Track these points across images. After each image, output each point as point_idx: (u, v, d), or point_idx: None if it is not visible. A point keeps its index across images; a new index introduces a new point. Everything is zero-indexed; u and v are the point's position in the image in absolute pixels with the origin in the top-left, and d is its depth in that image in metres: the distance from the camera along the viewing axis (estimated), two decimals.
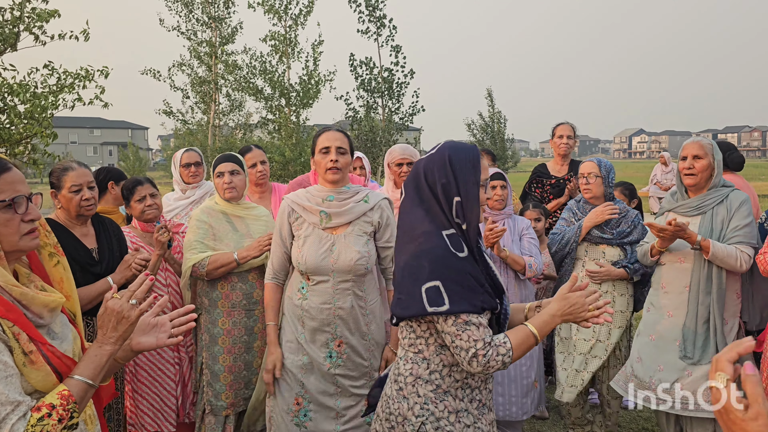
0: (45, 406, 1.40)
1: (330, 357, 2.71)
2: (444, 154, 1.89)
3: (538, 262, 3.42)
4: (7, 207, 1.47)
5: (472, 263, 1.85)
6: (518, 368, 3.43)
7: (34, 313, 1.49)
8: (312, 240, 2.66)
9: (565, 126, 4.47)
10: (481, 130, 25.99)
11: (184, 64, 16.07)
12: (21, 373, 1.41)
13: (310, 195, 2.73)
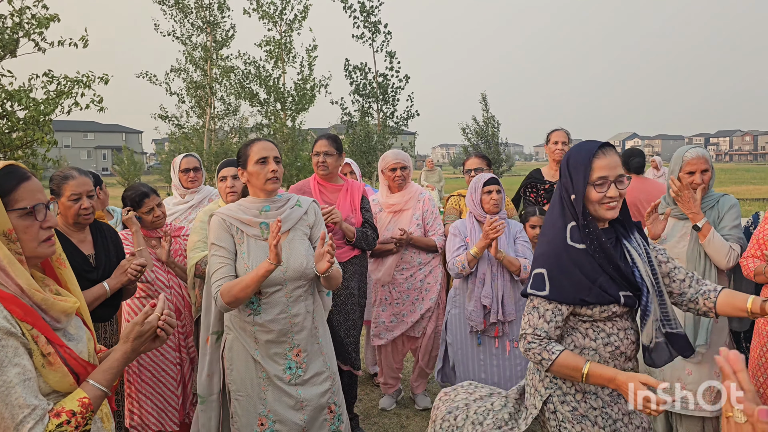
0: (65, 413, 1.48)
1: (289, 369, 2.67)
2: (568, 154, 2.09)
3: None
4: (27, 214, 1.56)
5: (587, 256, 2.00)
6: (514, 368, 3.56)
7: (52, 317, 1.58)
8: (256, 253, 2.60)
9: (560, 132, 4.58)
10: (476, 134, 26.09)
11: (181, 68, 16.14)
12: (39, 374, 1.49)
13: (244, 208, 2.67)
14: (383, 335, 4.23)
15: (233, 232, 2.64)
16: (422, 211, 4.24)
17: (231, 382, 2.71)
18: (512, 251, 3.57)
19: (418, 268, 4.19)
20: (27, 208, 1.56)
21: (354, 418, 3.92)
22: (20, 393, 1.41)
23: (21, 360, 1.45)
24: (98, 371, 1.60)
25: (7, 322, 1.44)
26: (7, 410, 1.40)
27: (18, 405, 1.41)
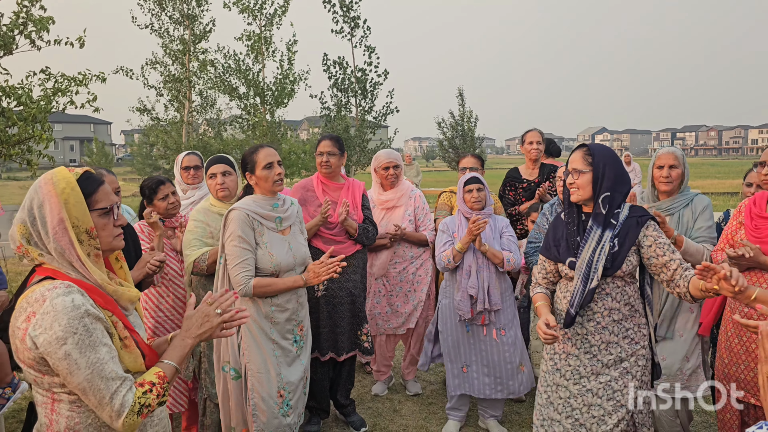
0: (147, 383, 1.70)
1: (295, 342, 3.16)
2: None
3: (516, 257, 3.80)
4: (105, 213, 1.78)
5: (562, 224, 2.79)
6: (502, 353, 3.82)
7: (122, 306, 1.80)
8: (276, 243, 3.06)
9: (534, 132, 4.88)
10: (451, 129, 26.45)
11: (157, 62, 16.05)
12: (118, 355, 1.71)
13: (260, 205, 3.07)
14: (380, 326, 4.47)
15: (254, 225, 3.02)
16: (414, 208, 4.49)
17: (249, 362, 3.04)
18: (497, 245, 3.82)
19: (410, 261, 4.44)
20: (106, 208, 1.78)
21: (351, 404, 4.16)
22: (112, 367, 1.64)
23: (108, 340, 1.67)
24: (169, 351, 1.82)
25: (94, 308, 1.65)
26: (103, 382, 1.61)
27: (111, 378, 1.63)
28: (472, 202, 3.85)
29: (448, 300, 3.93)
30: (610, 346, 2.67)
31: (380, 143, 17.90)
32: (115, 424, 1.65)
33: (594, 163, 2.62)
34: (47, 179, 1.72)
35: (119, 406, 1.63)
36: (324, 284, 3.84)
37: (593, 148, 2.67)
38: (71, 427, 1.68)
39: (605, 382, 2.67)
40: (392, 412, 4.34)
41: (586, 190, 2.63)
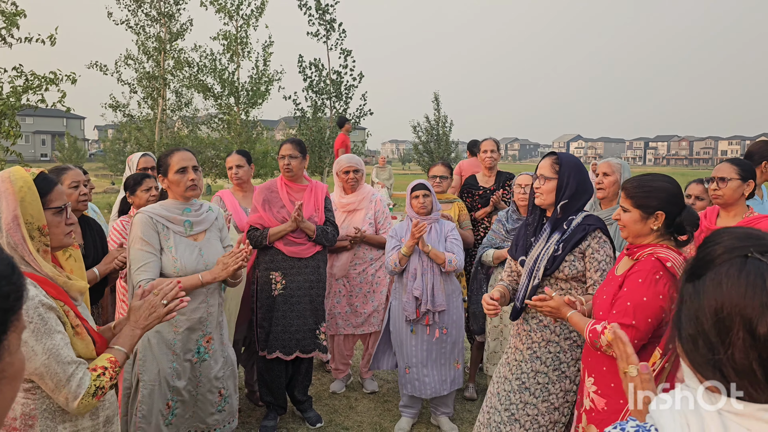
0: (99, 368, 1.84)
1: (198, 353, 3.00)
2: None
3: (459, 259, 3.97)
4: (59, 212, 1.90)
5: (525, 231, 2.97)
6: (440, 352, 3.99)
7: (71, 297, 1.92)
8: (183, 247, 2.92)
9: (489, 141, 5.06)
10: (426, 133, 26.71)
11: (131, 57, 15.95)
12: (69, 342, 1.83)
13: (168, 208, 2.96)
14: (340, 325, 4.60)
15: (159, 229, 2.90)
16: (374, 211, 4.64)
17: (143, 372, 2.92)
18: (442, 247, 3.99)
19: (370, 263, 4.59)
20: (60, 207, 1.90)
21: (308, 400, 4.29)
22: (67, 353, 1.77)
23: (61, 328, 1.79)
24: (119, 339, 1.96)
25: (46, 298, 1.77)
26: (60, 367, 1.74)
27: (67, 362, 1.76)
28: (418, 208, 4.01)
29: (398, 302, 4.08)
30: (550, 344, 2.81)
31: (354, 146, 18.03)
32: (71, 406, 1.77)
33: (560, 172, 2.79)
34: (5, 178, 1.82)
35: (76, 387, 1.76)
36: (282, 283, 3.96)
37: (561, 158, 2.83)
38: (27, 413, 1.80)
39: (543, 383, 2.81)
40: (348, 409, 4.48)
41: (549, 195, 2.81)
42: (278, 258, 3.97)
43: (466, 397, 4.67)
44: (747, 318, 0.85)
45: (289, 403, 4.29)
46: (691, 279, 0.95)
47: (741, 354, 0.85)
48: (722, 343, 0.87)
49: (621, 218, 2.36)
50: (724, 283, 0.88)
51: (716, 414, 0.88)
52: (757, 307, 0.84)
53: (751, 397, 0.86)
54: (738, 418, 0.86)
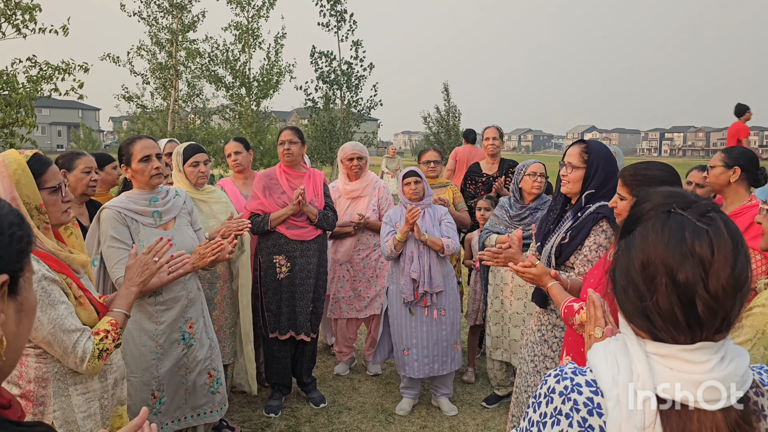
0: (102, 331, 1.98)
1: (183, 339, 3.00)
2: None
3: (455, 243, 4.06)
4: (54, 191, 2.00)
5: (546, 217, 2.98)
6: (441, 333, 4.09)
7: (74, 269, 2.04)
8: (153, 239, 2.78)
9: (491, 129, 5.14)
10: (437, 123, 26.70)
11: (144, 48, 16.14)
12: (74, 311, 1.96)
13: (133, 200, 2.88)
14: (343, 309, 4.72)
15: (128, 223, 2.84)
16: (378, 198, 4.73)
17: (126, 363, 2.85)
18: (437, 232, 4.08)
19: (373, 249, 4.69)
20: (54, 187, 2.00)
21: (312, 381, 4.42)
22: (71, 321, 1.90)
23: (65, 299, 1.92)
24: (116, 301, 2.11)
25: (49, 272, 1.89)
26: (65, 335, 1.87)
27: (71, 330, 1.90)
28: (411, 194, 4.10)
29: (395, 286, 4.18)
30: (555, 329, 2.82)
31: (365, 136, 18.14)
32: (80, 368, 1.93)
33: (588, 161, 2.73)
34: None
35: (81, 352, 1.90)
36: (287, 266, 4.08)
37: (591, 147, 2.76)
38: (39, 375, 1.94)
39: (550, 368, 2.84)
40: (351, 391, 4.60)
41: (576, 184, 2.75)
42: (281, 242, 4.08)
43: (465, 380, 4.77)
44: (669, 267, 0.93)
45: (294, 384, 4.42)
46: (623, 235, 1.04)
47: (664, 299, 0.94)
48: (648, 291, 0.95)
49: (617, 206, 2.36)
50: (650, 237, 0.97)
51: (643, 355, 0.96)
52: (677, 257, 0.93)
53: (674, 340, 0.95)
54: (662, 359, 0.95)
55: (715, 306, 0.92)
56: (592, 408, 0.97)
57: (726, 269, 0.92)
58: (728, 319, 0.94)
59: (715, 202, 1.02)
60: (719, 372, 0.92)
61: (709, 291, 0.91)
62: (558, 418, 0.99)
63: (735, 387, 0.92)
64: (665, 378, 0.94)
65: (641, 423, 0.92)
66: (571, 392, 1.00)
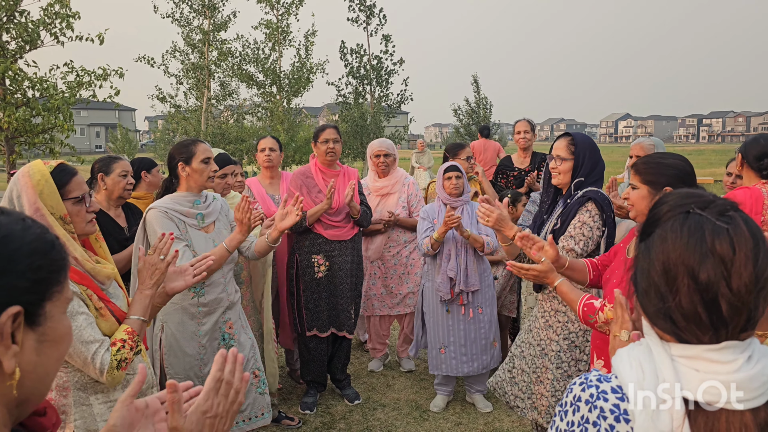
0: (118, 341, 1.99)
1: (223, 340, 3.04)
2: None
3: (494, 240, 4.03)
4: (78, 201, 2.03)
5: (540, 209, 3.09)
6: (478, 330, 4.08)
7: (99, 280, 2.07)
8: (199, 241, 2.91)
9: (523, 122, 5.08)
10: (467, 116, 26.53)
11: (178, 50, 16.42)
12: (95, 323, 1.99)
13: (178, 202, 2.91)
14: (376, 307, 4.74)
15: (176, 222, 2.87)
16: (407, 195, 4.73)
17: (168, 366, 2.96)
18: (475, 230, 4.06)
19: (404, 245, 4.70)
20: (78, 197, 2.03)
21: (347, 378, 4.46)
22: (90, 332, 1.92)
23: (84, 309, 1.94)
24: (131, 308, 2.10)
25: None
26: (83, 346, 1.90)
27: (90, 341, 1.92)
28: (451, 189, 4.08)
29: (430, 283, 4.17)
30: (558, 314, 2.95)
31: (395, 130, 18.13)
32: (101, 380, 1.95)
33: (576, 152, 2.88)
34: (24, 172, 1.96)
35: (100, 364, 1.92)
36: (326, 265, 4.12)
37: (576, 138, 2.92)
38: (60, 384, 1.98)
39: (555, 351, 2.95)
40: (385, 387, 4.62)
41: (566, 175, 2.92)
42: (319, 241, 4.11)
43: None
44: (690, 267, 0.92)
45: (328, 381, 4.46)
46: (642, 238, 1.03)
47: (686, 299, 0.93)
48: (670, 292, 0.95)
49: (630, 196, 2.33)
50: (669, 238, 0.96)
51: (668, 359, 0.95)
52: (697, 257, 0.92)
53: (699, 340, 0.94)
54: (687, 360, 0.94)
55: (739, 304, 0.91)
56: (618, 414, 0.97)
57: (748, 267, 0.91)
58: (752, 317, 0.93)
59: (733, 201, 1.00)
60: (747, 371, 0.90)
61: (732, 289, 0.91)
62: (585, 426, 0.99)
63: (764, 386, 0.91)
64: (691, 380, 0.93)
65: (669, 426, 0.91)
66: (597, 400, 0.99)
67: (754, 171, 3.09)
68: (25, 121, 6.32)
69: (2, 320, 0.73)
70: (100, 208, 3.38)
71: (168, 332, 2.95)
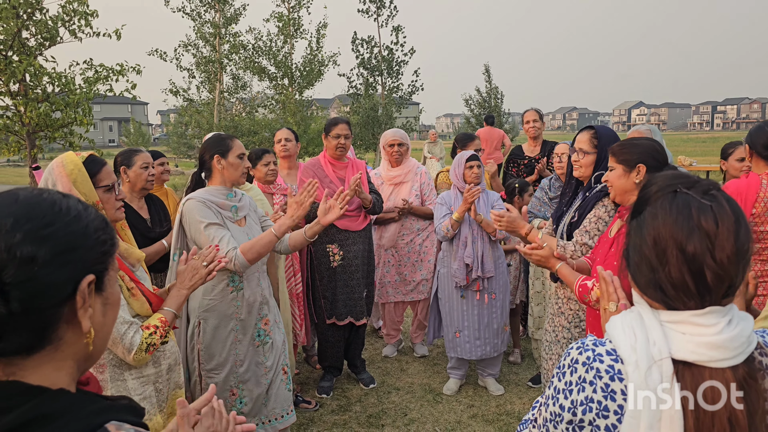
0: (152, 327, 2.12)
1: (258, 336, 3.02)
2: None
3: None
4: (108, 189, 2.17)
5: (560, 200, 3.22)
6: (492, 316, 4.18)
7: (130, 263, 2.20)
8: (235, 232, 2.87)
9: (531, 112, 5.16)
10: (479, 105, 26.48)
11: (190, 44, 16.53)
12: (126, 302, 2.12)
13: (213, 194, 2.89)
14: (390, 293, 4.86)
15: (214, 212, 2.85)
16: (420, 183, 4.83)
17: (205, 362, 2.94)
18: (489, 216, 4.15)
19: (417, 233, 4.80)
20: (109, 185, 2.17)
21: (362, 363, 4.58)
22: (121, 314, 2.04)
23: None
24: (168, 301, 2.24)
25: None
26: (114, 327, 2.00)
27: (121, 322, 2.04)
28: (473, 178, 4.16)
29: (446, 269, 4.28)
30: (570, 302, 3.05)
31: (407, 121, 18.19)
32: (127, 358, 2.08)
33: (599, 146, 2.91)
34: (58, 162, 2.10)
35: (129, 344, 2.04)
36: (340, 254, 4.23)
37: (600, 132, 2.96)
38: (98, 362, 2.09)
39: (567, 338, 3.04)
40: (399, 372, 4.74)
41: (588, 168, 2.96)
42: (332, 231, 4.22)
43: (511, 361, 4.85)
44: (678, 240, 1.02)
45: (344, 366, 4.58)
46: (634, 216, 1.13)
47: (676, 270, 1.03)
48: (660, 264, 1.04)
49: (609, 178, 2.49)
50: (660, 215, 1.06)
51: (658, 324, 1.06)
52: (685, 231, 1.02)
53: (685, 306, 1.04)
54: (675, 324, 1.04)
55: (722, 273, 1.01)
56: (613, 374, 1.06)
57: (730, 240, 1.01)
58: (733, 284, 1.03)
59: (716, 182, 1.10)
60: (728, 333, 1.00)
61: (716, 260, 1.00)
62: (583, 385, 1.09)
63: (742, 347, 1.01)
64: (679, 341, 1.02)
65: (659, 382, 1.00)
66: (593, 362, 1.09)
67: (763, 159, 3.13)
68: (46, 116, 6.51)
69: (83, 287, 0.84)
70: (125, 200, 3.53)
71: (205, 328, 2.93)
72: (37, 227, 0.80)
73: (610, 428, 1.05)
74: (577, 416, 1.08)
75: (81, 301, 0.84)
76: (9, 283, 0.76)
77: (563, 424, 1.10)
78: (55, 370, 0.84)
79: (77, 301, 0.83)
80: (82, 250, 0.85)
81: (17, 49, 6.64)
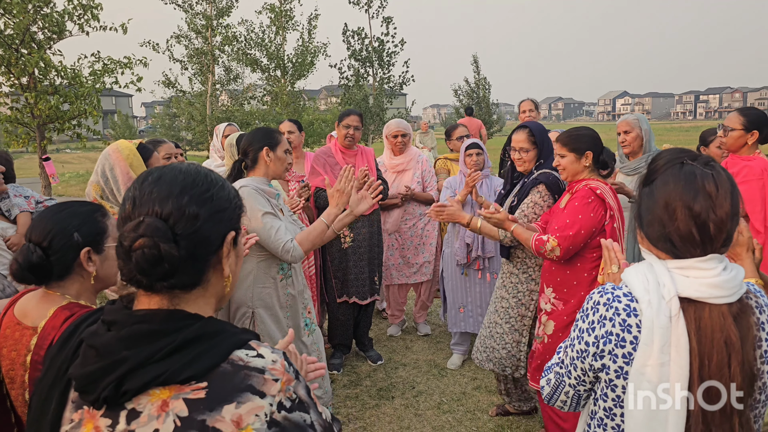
0: None
1: (306, 326, 3.08)
2: None
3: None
4: None
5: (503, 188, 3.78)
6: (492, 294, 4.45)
7: None
8: (285, 221, 2.93)
9: (527, 102, 5.41)
10: (467, 96, 26.74)
11: (182, 36, 16.59)
12: None
13: (260, 183, 2.91)
14: (394, 276, 5.12)
15: (267, 201, 2.89)
16: (421, 171, 5.08)
17: None
18: (492, 200, 4.40)
19: (419, 218, 5.05)
20: None
21: (369, 341, 4.84)
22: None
23: None
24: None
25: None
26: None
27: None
28: (472, 165, 4.42)
29: (450, 249, 4.54)
30: (512, 275, 3.50)
31: (397, 112, 18.40)
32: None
33: (537, 142, 3.41)
34: (114, 149, 2.35)
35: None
36: (350, 236, 4.49)
37: (534, 130, 3.42)
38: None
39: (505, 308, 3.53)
40: (405, 349, 5.01)
41: (531, 163, 3.44)
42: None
43: None
44: (686, 201, 1.29)
45: (353, 344, 4.84)
46: (646, 184, 1.40)
47: (684, 225, 1.29)
48: (671, 220, 1.31)
49: (561, 163, 2.99)
50: (670, 182, 1.33)
51: (666, 270, 1.32)
52: (692, 194, 1.29)
53: (691, 255, 1.30)
54: (681, 270, 1.31)
55: (722, 226, 1.28)
56: (629, 311, 1.33)
57: (727, 200, 1.29)
58: (729, 236, 1.30)
59: (712, 156, 1.38)
60: (724, 276, 1.27)
61: (717, 216, 1.28)
62: (603, 322, 1.35)
63: (736, 287, 1.28)
64: (684, 283, 1.29)
65: (668, 316, 1.26)
66: (613, 302, 1.35)
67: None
68: (56, 109, 6.67)
69: (228, 240, 1.09)
70: None
71: (258, 318, 2.91)
72: (199, 192, 1.04)
73: (626, 356, 1.32)
74: (599, 348, 1.35)
75: (226, 251, 1.08)
76: (180, 234, 1.00)
77: (589, 357, 1.36)
78: (205, 304, 1.09)
79: (223, 251, 1.08)
80: (229, 211, 1.09)
81: (27, 43, 6.80)
